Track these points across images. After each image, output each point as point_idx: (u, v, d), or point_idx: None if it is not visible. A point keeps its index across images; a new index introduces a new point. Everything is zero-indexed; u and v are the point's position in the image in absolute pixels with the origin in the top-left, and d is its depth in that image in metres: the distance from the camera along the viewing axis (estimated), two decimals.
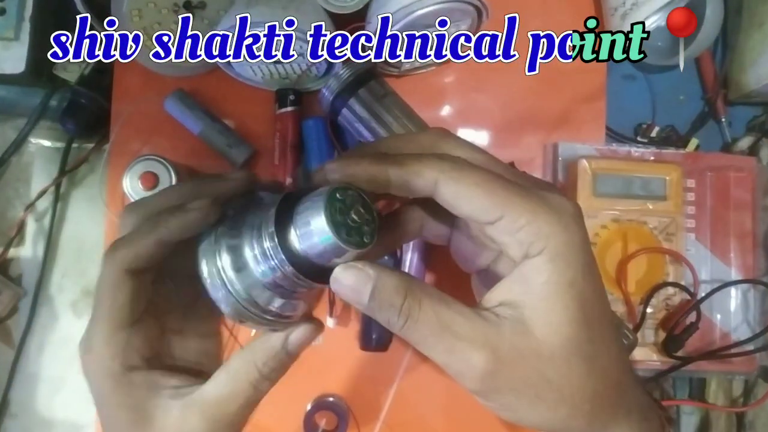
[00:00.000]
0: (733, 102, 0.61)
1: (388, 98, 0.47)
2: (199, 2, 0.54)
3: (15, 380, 0.59)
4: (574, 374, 0.25)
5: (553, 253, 0.25)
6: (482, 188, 0.25)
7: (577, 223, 0.25)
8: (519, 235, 0.25)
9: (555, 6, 0.59)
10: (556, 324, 0.25)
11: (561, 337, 0.25)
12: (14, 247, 0.59)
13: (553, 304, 0.25)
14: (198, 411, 0.28)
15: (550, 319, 0.25)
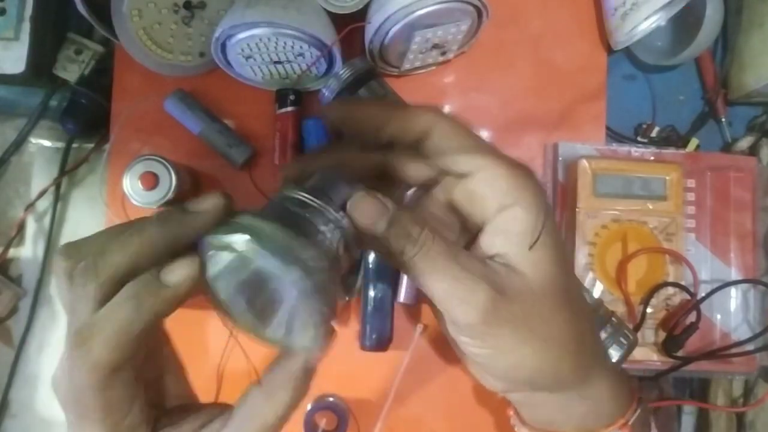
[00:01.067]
0: (733, 102, 0.61)
1: (388, 98, 0.48)
2: (199, 2, 0.54)
3: (15, 380, 0.59)
4: (562, 313, 0.28)
5: (528, 203, 0.27)
6: (470, 139, 0.28)
7: (537, 182, 0.28)
8: (497, 184, 0.27)
9: (555, 6, 0.59)
10: (542, 264, 0.27)
11: (548, 276, 0.27)
12: (14, 247, 0.59)
13: (536, 249, 0.27)
14: None
15: (535, 260, 0.27)
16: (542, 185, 0.29)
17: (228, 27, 0.47)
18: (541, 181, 0.29)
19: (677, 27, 0.60)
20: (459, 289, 0.26)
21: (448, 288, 0.26)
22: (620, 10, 0.55)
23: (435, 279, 0.26)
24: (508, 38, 0.58)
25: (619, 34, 0.55)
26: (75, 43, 0.57)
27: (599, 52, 0.59)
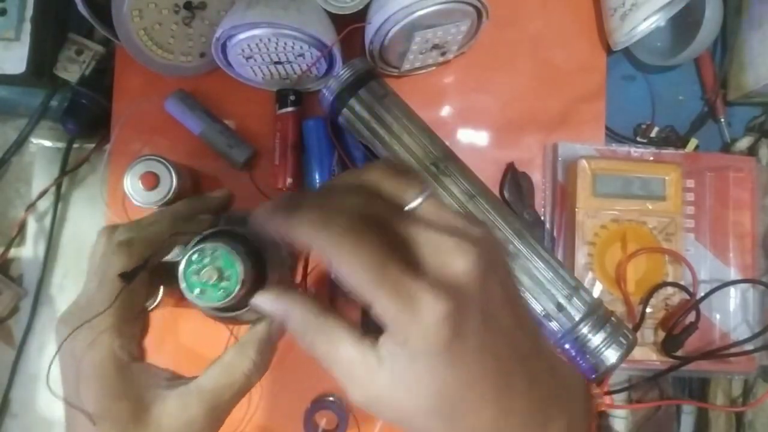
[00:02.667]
0: (732, 102, 0.61)
1: (388, 98, 0.48)
2: (200, 3, 0.54)
3: (16, 380, 0.59)
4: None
5: (413, 349, 0.25)
6: (356, 275, 0.25)
7: (435, 330, 0.25)
8: (387, 326, 0.25)
9: (555, 6, 0.59)
10: (417, 393, 0.25)
11: (420, 403, 0.26)
12: (15, 247, 0.59)
13: (416, 378, 0.25)
14: (196, 400, 0.32)
15: (412, 388, 0.25)
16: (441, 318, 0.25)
17: (228, 27, 0.47)
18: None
19: (677, 27, 0.60)
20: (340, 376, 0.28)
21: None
22: (620, 11, 0.55)
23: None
24: (507, 39, 0.59)
25: (619, 35, 0.56)
26: (76, 43, 0.57)
27: (599, 53, 0.59)
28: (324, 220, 0.25)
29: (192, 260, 0.34)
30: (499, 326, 0.26)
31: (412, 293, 0.24)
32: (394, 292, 0.24)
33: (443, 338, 0.25)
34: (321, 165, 0.53)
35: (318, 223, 0.25)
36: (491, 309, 0.26)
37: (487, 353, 0.26)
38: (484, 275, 0.26)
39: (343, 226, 0.25)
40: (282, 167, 0.54)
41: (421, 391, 0.26)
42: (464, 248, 0.26)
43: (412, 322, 0.24)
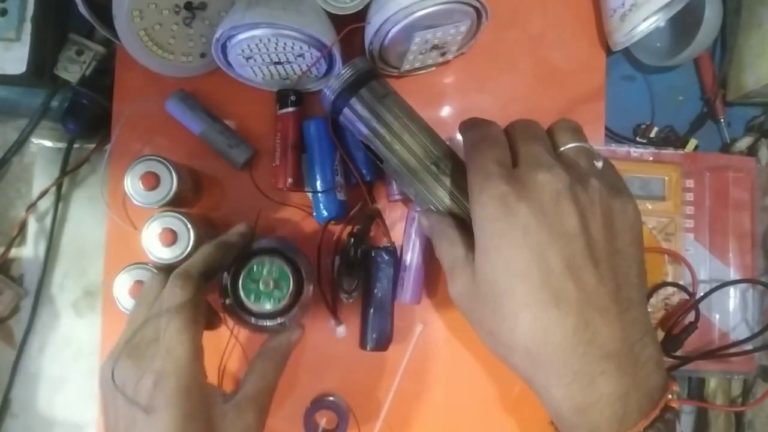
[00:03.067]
0: (731, 102, 0.61)
1: (389, 98, 0.48)
2: (200, 3, 0.54)
3: (16, 380, 0.59)
4: (487, 322, 0.35)
5: (475, 223, 0.35)
6: (467, 160, 0.39)
7: (491, 201, 0.34)
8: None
9: (554, 7, 0.59)
10: (479, 280, 0.35)
11: (481, 291, 0.35)
12: (16, 247, 0.60)
13: (478, 264, 0.35)
14: (247, 407, 0.40)
15: (477, 275, 0.35)
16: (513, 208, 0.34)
17: (228, 28, 0.47)
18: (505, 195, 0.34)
19: (676, 28, 0.60)
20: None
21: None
22: (619, 11, 0.55)
23: None
24: (507, 39, 0.59)
25: (618, 35, 0.56)
26: (76, 43, 0.57)
27: (598, 53, 0.59)
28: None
29: (253, 270, 0.42)
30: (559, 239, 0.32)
31: (489, 174, 0.35)
32: (480, 173, 0.36)
33: (492, 212, 0.34)
34: (322, 165, 0.54)
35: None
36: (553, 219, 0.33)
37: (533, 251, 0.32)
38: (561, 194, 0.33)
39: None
40: (282, 167, 0.54)
41: (480, 275, 0.35)
42: (554, 171, 0.34)
43: (476, 197, 0.35)
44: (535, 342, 0.32)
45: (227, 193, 0.57)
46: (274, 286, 0.42)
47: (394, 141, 0.46)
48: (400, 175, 0.46)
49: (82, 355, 0.59)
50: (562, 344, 0.31)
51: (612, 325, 0.31)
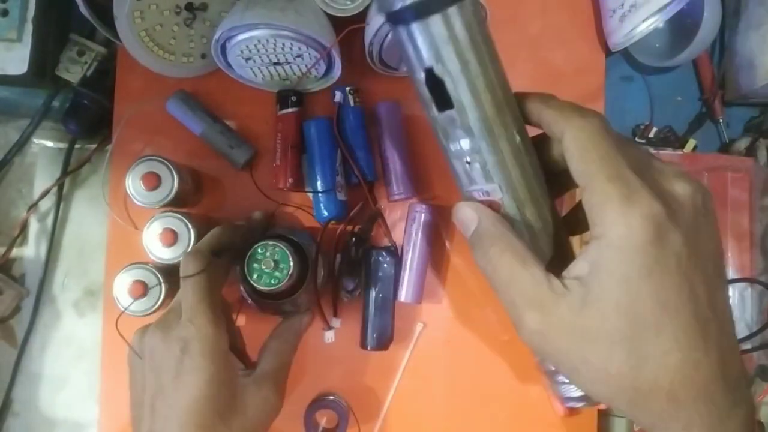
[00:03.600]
0: (730, 103, 0.61)
1: (485, 26, 0.31)
2: (201, 4, 0.54)
3: (17, 379, 0.59)
4: (614, 363, 0.27)
5: (608, 243, 0.27)
6: (579, 153, 0.29)
7: (645, 224, 0.26)
8: (590, 213, 0.28)
9: (554, 7, 0.59)
10: (605, 312, 0.27)
11: (608, 325, 0.27)
12: (17, 247, 0.60)
13: (607, 292, 0.27)
14: (265, 382, 0.43)
15: (601, 306, 0.27)
16: (648, 227, 0.27)
17: (227, 29, 0.47)
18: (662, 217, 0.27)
19: (675, 29, 0.61)
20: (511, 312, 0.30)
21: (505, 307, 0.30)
22: (618, 12, 0.55)
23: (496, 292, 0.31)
24: (506, 39, 0.59)
25: (617, 36, 0.56)
26: (77, 44, 0.57)
27: (597, 54, 0.59)
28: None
29: (257, 251, 0.45)
30: (701, 264, 0.28)
31: (633, 187, 0.27)
32: (619, 180, 0.27)
33: (646, 237, 0.26)
34: (322, 165, 0.54)
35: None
36: (697, 243, 0.28)
37: (685, 280, 0.27)
38: (699, 211, 0.28)
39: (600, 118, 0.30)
40: (283, 167, 0.54)
41: (611, 306, 0.27)
42: (690, 180, 0.29)
43: (623, 213, 0.27)
44: (683, 383, 0.27)
45: (228, 193, 0.57)
46: (274, 266, 0.45)
47: (481, 83, 0.31)
48: (466, 131, 0.31)
49: (84, 355, 0.59)
50: (708, 381, 0.28)
51: (735, 350, 0.29)
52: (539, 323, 0.28)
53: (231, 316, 0.49)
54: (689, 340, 0.27)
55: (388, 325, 0.54)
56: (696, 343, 0.27)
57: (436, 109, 0.31)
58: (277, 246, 0.45)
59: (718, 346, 0.28)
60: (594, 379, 0.28)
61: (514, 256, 0.29)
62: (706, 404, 0.28)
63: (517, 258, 0.29)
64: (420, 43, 0.30)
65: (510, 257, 0.29)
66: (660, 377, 0.27)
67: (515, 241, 0.30)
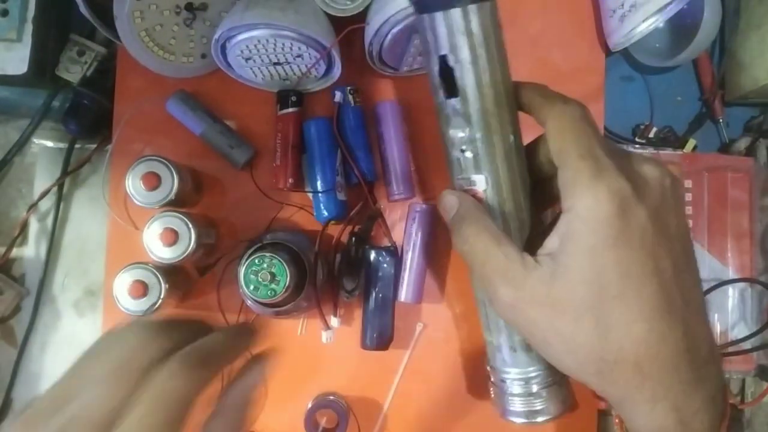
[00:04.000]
0: (730, 103, 0.61)
1: (500, 30, 0.34)
2: (201, 4, 0.54)
3: (18, 379, 0.59)
4: (582, 333, 0.29)
5: (581, 216, 0.28)
6: (562, 135, 0.31)
7: (610, 197, 0.28)
8: (562, 188, 0.29)
9: (554, 7, 0.59)
10: (573, 283, 0.28)
11: (575, 296, 0.28)
12: (17, 247, 0.60)
13: (574, 263, 0.28)
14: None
15: (569, 277, 0.29)
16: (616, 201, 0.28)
17: (227, 29, 0.47)
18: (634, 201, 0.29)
19: (675, 29, 0.61)
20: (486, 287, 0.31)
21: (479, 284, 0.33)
22: (618, 12, 0.55)
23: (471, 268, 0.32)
24: (506, 39, 0.58)
25: (617, 36, 0.56)
26: (77, 44, 0.57)
27: (597, 54, 0.59)
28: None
29: (254, 262, 0.44)
30: (666, 242, 0.29)
31: (603, 165, 0.29)
32: (590, 158, 0.29)
33: (611, 209, 0.28)
34: (322, 165, 0.54)
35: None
36: (663, 221, 0.29)
37: (649, 254, 0.28)
38: (666, 192, 0.30)
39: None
40: (282, 167, 0.54)
41: (577, 277, 0.28)
42: (659, 164, 0.30)
43: (591, 186, 0.28)
44: (648, 354, 0.28)
45: (228, 193, 0.57)
46: (271, 279, 0.45)
47: (487, 78, 0.33)
48: (466, 120, 0.33)
49: None
50: (673, 354, 0.29)
51: (704, 327, 0.30)
52: (512, 297, 0.30)
53: None
54: (653, 311, 0.28)
55: (388, 325, 0.54)
56: (660, 315, 0.28)
57: (443, 95, 0.33)
58: (274, 258, 0.45)
59: (685, 322, 0.29)
60: (563, 350, 0.30)
61: (489, 236, 0.31)
62: (671, 377, 0.29)
63: (492, 238, 0.31)
64: (439, 31, 0.32)
65: (486, 237, 0.31)
66: (625, 347, 0.28)
67: (491, 224, 0.32)
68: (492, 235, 0.31)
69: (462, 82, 0.33)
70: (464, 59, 0.32)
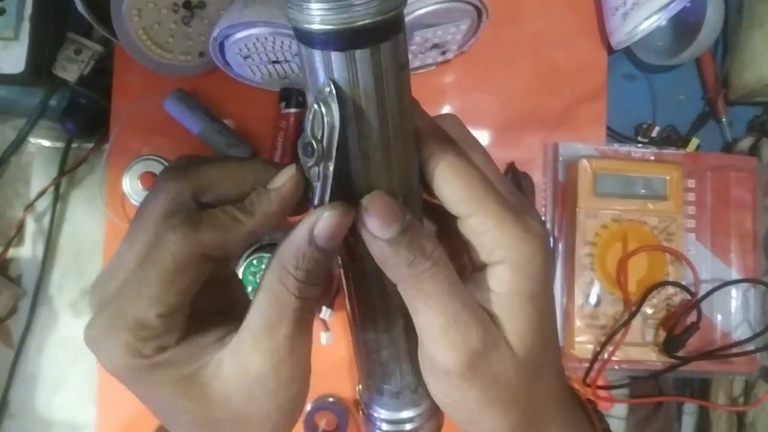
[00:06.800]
0: (733, 102, 0.61)
1: (404, 73, 0.24)
2: (199, 2, 0.54)
3: (14, 380, 0.59)
4: (528, 381, 0.26)
5: (515, 265, 0.24)
6: (463, 181, 0.24)
7: (541, 244, 0.25)
8: (484, 238, 0.24)
9: (555, 6, 0.59)
10: (520, 333, 0.25)
11: (525, 345, 0.25)
12: (14, 248, 0.59)
13: (515, 314, 0.25)
14: (252, 348, 0.23)
15: (513, 327, 0.25)
16: (544, 248, 0.25)
17: (225, 27, 0.47)
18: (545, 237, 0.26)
19: (678, 27, 0.60)
20: (453, 330, 0.23)
21: (444, 324, 0.23)
22: (621, 10, 0.55)
23: (433, 309, 0.23)
24: (508, 38, 0.58)
25: (620, 34, 0.55)
26: (74, 42, 0.57)
27: (600, 52, 0.59)
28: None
29: (252, 263, 0.44)
30: (549, 301, 0.27)
31: (523, 209, 0.25)
32: (507, 206, 0.24)
33: (545, 254, 0.25)
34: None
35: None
36: (549, 279, 0.26)
37: (550, 313, 0.26)
38: (548, 248, 0.26)
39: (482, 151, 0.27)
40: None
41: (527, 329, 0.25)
42: (539, 226, 0.26)
43: (523, 237, 0.24)
44: None
45: None
46: None
47: (377, 138, 0.23)
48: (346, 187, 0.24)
49: (81, 356, 0.59)
50: None
51: None
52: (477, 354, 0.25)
53: None
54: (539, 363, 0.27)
55: None
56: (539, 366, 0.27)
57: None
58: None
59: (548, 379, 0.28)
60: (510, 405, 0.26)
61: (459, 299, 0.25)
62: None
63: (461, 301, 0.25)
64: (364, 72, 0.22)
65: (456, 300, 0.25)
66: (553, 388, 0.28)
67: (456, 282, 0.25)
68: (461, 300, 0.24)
69: (348, 142, 0.23)
70: (346, 113, 0.23)
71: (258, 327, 0.24)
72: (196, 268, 0.23)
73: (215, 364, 0.24)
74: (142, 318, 0.23)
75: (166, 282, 0.22)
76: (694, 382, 0.59)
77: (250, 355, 0.24)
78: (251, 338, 0.24)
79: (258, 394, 0.24)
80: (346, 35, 0.21)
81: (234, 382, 0.24)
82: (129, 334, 0.23)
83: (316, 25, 0.20)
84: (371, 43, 0.21)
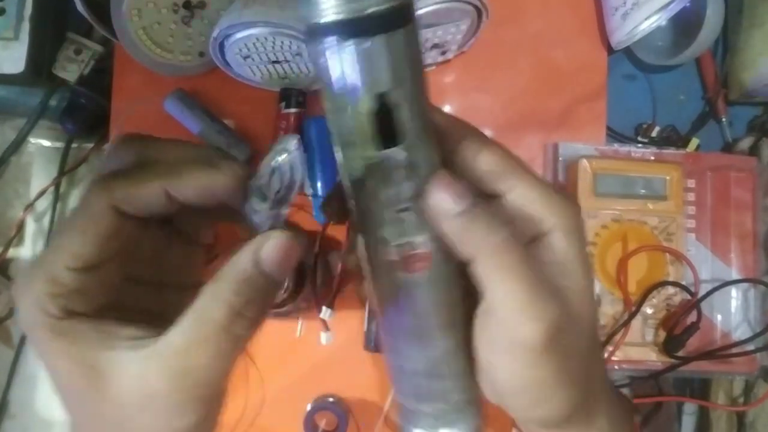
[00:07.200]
0: (733, 102, 0.61)
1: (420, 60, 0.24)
2: (199, 2, 0.54)
3: (14, 381, 0.59)
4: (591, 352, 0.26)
5: (567, 229, 0.25)
6: (499, 156, 0.25)
7: (579, 208, 0.25)
8: (531, 209, 0.24)
9: (555, 6, 0.59)
10: (582, 301, 0.25)
11: (588, 314, 0.25)
12: (14, 247, 0.59)
13: (576, 281, 0.25)
14: (160, 363, 0.21)
15: (576, 296, 0.24)
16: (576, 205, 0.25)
17: (225, 27, 0.47)
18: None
19: (678, 27, 0.60)
20: (534, 301, 0.22)
21: (526, 296, 0.22)
22: (621, 10, 0.54)
23: (513, 281, 0.22)
24: (508, 38, 0.58)
25: (620, 34, 0.55)
26: (74, 42, 0.57)
27: (600, 52, 0.59)
28: None
29: None
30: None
31: None
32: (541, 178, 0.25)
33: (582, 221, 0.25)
34: (323, 165, 0.53)
35: None
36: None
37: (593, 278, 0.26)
38: None
39: None
40: None
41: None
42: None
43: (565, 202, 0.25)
44: None
45: None
46: None
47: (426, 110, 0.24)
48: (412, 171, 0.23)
49: None
50: None
51: None
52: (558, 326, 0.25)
53: None
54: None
55: None
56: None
57: (376, 148, 0.23)
58: None
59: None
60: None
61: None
62: None
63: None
64: (378, 63, 0.22)
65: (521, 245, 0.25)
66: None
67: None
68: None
69: (409, 124, 0.23)
70: (411, 95, 0.23)
71: (175, 344, 0.22)
72: (106, 219, 0.22)
73: (123, 364, 0.22)
74: (51, 269, 0.22)
75: (76, 231, 0.22)
76: (694, 382, 0.59)
77: (155, 369, 0.22)
78: (164, 351, 0.22)
79: (149, 411, 0.22)
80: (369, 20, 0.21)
81: (133, 389, 0.22)
82: (41, 285, 0.22)
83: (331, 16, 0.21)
84: (394, 28, 0.21)
